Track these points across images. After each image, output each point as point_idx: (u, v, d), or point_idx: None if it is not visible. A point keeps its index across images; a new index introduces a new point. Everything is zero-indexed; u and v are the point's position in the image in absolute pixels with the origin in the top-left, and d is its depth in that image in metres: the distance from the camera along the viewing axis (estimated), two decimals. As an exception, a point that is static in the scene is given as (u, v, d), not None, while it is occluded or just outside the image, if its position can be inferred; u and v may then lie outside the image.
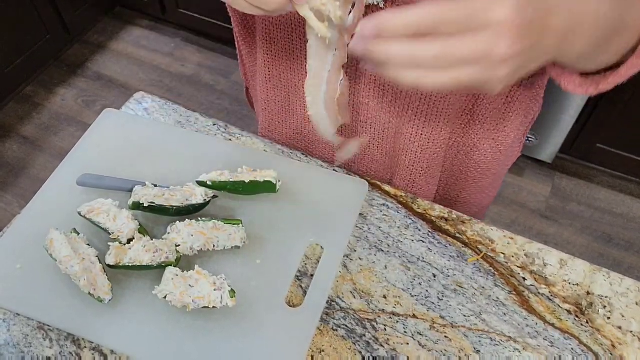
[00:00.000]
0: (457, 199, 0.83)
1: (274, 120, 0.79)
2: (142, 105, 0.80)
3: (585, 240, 1.77)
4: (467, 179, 0.78)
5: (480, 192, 0.82)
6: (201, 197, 0.64)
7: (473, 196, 0.82)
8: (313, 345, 0.58)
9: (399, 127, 0.69)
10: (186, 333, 0.57)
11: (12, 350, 0.57)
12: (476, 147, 0.73)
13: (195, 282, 0.57)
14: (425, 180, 0.75)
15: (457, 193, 0.82)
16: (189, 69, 2.25)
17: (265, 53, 0.70)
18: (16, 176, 1.91)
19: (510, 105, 0.67)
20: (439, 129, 0.68)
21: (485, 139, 0.71)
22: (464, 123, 0.69)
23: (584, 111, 1.62)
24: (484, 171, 0.77)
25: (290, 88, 0.72)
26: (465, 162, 0.76)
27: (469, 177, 0.78)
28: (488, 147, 0.73)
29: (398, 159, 0.74)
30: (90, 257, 0.59)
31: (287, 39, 0.66)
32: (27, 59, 2.08)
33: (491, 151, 0.73)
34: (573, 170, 1.91)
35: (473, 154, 0.74)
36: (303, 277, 0.63)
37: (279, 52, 0.68)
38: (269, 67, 0.71)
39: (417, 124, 0.68)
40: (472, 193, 0.81)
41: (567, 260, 0.65)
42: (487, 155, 0.74)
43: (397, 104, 0.67)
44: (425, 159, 0.72)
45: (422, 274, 0.63)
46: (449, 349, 0.58)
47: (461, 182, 0.79)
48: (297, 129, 0.78)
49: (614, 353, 0.58)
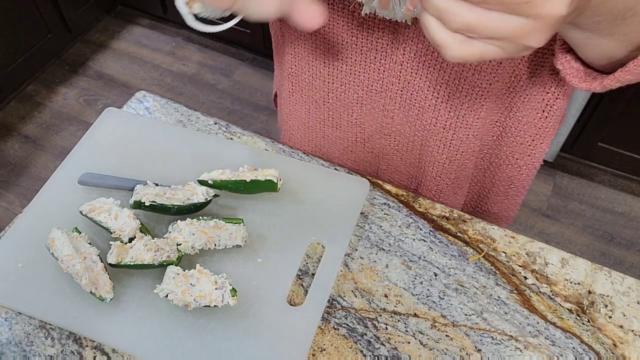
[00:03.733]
0: (487, 212, 0.81)
1: (294, 135, 0.79)
2: (143, 104, 0.80)
3: (587, 239, 1.76)
4: (497, 193, 0.76)
5: (509, 206, 0.79)
6: (202, 196, 0.64)
7: (502, 209, 0.79)
8: (314, 344, 0.58)
9: (425, 139, 0.68)
10: (188, 332, 0.57)
11: (14, 349, 0.57)
12: (509, 161, 0.70)
13: (196, 281, 0.57)
14: (453, 191, 0.74)
15: (487, 207, 0.80)
16: (190, 68, 2.25)
17: (290, 66, 0.70)
18: (18, 175, 1.92)
19: (546, 120, 0.64)
20: (467, 141, 0.66)
21: (520, 153, 0.69)
22: (495, 135, 0.68)
23: (586, 110, 1.62)
24: (517, 188, 0.74)
25: (311, 104, 0.72)
26: (498, 175, 0.73)
27: (500, 191, 0.75)
28: (522, 163, 0.70)
29: (424, 170, 0.72)
30: (92, 256, 0.59)
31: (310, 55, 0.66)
32: (28, 57, 2.08)
33: (526, 167, 0.70)
34: (574, 169, 1.91)
35: (505, 168, 0.71)
36: (304, 276, 0.63)
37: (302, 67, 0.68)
38: (293, 82, 0.71)
39: (445, 137, 0.67)
40: (502, 208, 0.79)
41: (568, 259, 0.65)
42: (521, 171, 0.71)
43: (423, 117, 0.66)
44: (453, 171, 0.70)
45: (424, 272, 0.63)
46: (450, 347, 0.58)
47: (492, 196, 0.77)
48: (316, 146, 0.78)
49: (615, 352, 0.58)
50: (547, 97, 0.62)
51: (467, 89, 0.61)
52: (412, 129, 0.68)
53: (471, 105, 0.62)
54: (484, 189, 0.77)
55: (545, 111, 0.64)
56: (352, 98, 0.68)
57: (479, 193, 0.79)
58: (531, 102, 0.63)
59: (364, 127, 0.71)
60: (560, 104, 0.63)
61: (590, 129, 1.70)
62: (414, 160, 0.72)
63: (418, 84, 0.63)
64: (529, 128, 0.66)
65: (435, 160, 0.70)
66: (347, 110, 0.70)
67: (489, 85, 0.60)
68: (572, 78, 0.52)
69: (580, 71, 0.51)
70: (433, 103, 0.64)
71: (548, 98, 0.62)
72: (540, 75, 0.60)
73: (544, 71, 0.60)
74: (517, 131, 0.67)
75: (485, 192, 0.78)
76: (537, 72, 0.60)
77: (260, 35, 2.08)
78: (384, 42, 0.60)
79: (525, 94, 0.62)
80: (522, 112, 0.64)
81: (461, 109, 0.63)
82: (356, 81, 0.65)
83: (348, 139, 0.74)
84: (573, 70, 0.51)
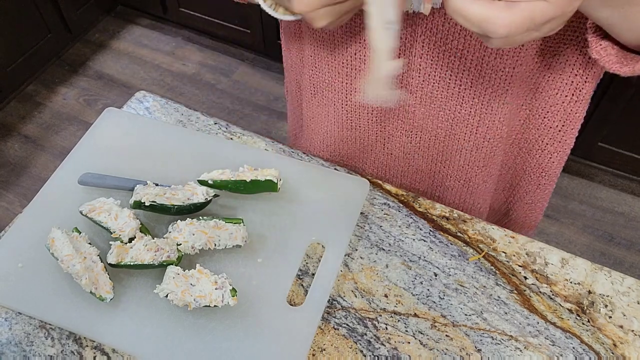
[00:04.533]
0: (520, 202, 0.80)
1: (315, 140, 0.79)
2: (143, 104, 0.80)
3: (587, 239, 1.76)
4: (529, 181, 0.75)
5: (535, 203, 0.78)
6: (202, 196, 0.64)
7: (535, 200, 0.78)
8: (314, 344, 0.58)
9: (449, 130, 0.67)
10: (187, 332, 0.57)
11: (14, 349, 0.57)
12: (538, 146, 0.69)
13: (196, 281, 0.57)
14: (482, 179, 0.73)
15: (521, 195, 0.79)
16: (190, 67, 2.25)
17: (310, 69, 0.70)
18: (18, 175, 1.92)
19: (575, 105, 0.62)
20: (494, 127, 0.65)
21: (549, 138, 0.68)
22: (522, 119, 0.66)
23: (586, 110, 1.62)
24: (549, 176, 0.73)
25: (330, 107, 0.72)
26: (528, 162, 0.72)
27: (532, 179, 0.74)
28: (553, 149, 0.69)
29: (450, 160, 0.72)
30: (92, 256, 0.59)
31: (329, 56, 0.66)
32: (28, 57, 2.08)
33: (557, 154, 0.69)
34: (574, 169, 1.91)
35: (535, 154, 0.70)
36: (304, 276, 0.63)
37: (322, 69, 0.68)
38: (314, 84, 0.71)
39: (471, 124, 0.66)
40: (535, 198, 0.78)
41: (568, 259, 0.65)
42: (552, 158, 0.70)
43: (446, 108, 0.65)
44: (481, 158, 0.70)
45: (424, 272, 0.63)
46: (450, 347, 0.58)
47: (524, 185, 0.76)
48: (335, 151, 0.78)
49: (615, 352, 0.58)
50: (575, 79, 0.60)
51: (491, 74, 0.59)
52: (435, 123, 0.67)
53: (495, 91, 0.61)
54: (515, 177, 0.76)
55: (575, 95, 0.62)
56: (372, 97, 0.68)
57: (511, 182, 0.77)
58: (558, 85, 0.61)
59: (384, 125, 0.71)
60: (589, 88, 0.61)
61: (590, 129, 1.69)
62: (436, 155, 0.71)
63: (439, 75, 0.62)
64: (557, 111, 0.64)
65: (462, 148, 0.69)
66: (367, 110, 0.70)
67: (512, 69, 0.58)
68: (613, 65, 0.50)
69: (620, 56, 0.49)
70: (456, 92, 0.62)
71: (577, 81, 0.60)
72: (567, 58, 0.58)
73: (571, 53, 0.58)
74: (545, 114, 0.65)
75: (518, 180, 0.76)
76: (563, 53, 0.58)
77: (260, 35, 2.08)
78: (403, 37, 0.60)
79: (552, 77, 0.60)
80: (549, 94, 0.62)
81: (485, 94, 0.61)
82: None
83: (368, 139, 0.74)
84: (612, 57, 0.50)
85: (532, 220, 0.83)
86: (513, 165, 0.74)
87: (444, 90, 0.63)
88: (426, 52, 0.60)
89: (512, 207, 0.82)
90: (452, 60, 0.60)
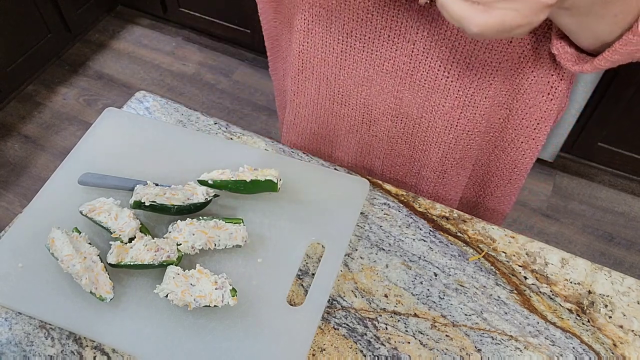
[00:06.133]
0: (490, 196, 0.82)
1: (301, 112, 0.80)
2: (143, 104, 0.80)
3: (587, 239, 1.76)
4: (501, 177, 0.78)
5: (505, 196, 0.81)
6: (202, 196, 0.64)
7: (504, 194, 0.81)
8: (314, 344, 0.58)
9: (432, 120, 0.69)
10: (187, 332, 0.57)
11: (14, 349, 0.57)
12: (514, 144, 0.72)
13: (196, 281, 0.57)
14: (456, 171, 0.75)
15: (491, 190, 0.81)
16: (190, 67, 2.25)
17: (300, 44, 0.70)
18: (18, 175, 1.92)
19: (551, 103, 0.66)
20: (474, 121, 0.68)
21: (525, 136, 0.71)
22: (502, 118, 0.69)
23: (586, 110, 1.62)
24: (520, 172, 0.76)
25: (322, 80, 0.73)
26: (502, 159, 0.75)
27: (504, 175, 0.77)
28: (527, 147, 0.72)
29: (429, 151, 0.74)
30: (92, 256, 0.59)
31: (324, 32, 0.67)
32: (28, 57, 2.08)
33: (530, 151, 0.73)
34: (574, 169, 1.91)
35: (510, 151, 0.73)
36: (304, 275, 0.63)
37: (315, 44, 0.69)
38: (303, 59, 0.72)
39: (452, 116, 0.68)
40: (504, 192, 0.81)
41: (568, 259, 0.65)
42: (525, 154, 0.73)
43: (432, 98, 0.67)
44: (458, 151, 0.72)
45: (423, 272, 0.63)
46: (450, 347, 0.58)
47: (495, 180, 0.79)
48: (323, 123, 0.79)
49: (615, 352, 0.58)
50: (552, 79, 0.64)
51: (478, 67, 0.62)
52: (420, 111, 0.69)
53: (480, 84, 0.63)
54: (488, 172, 0.78)
55: (550, 93, 0.65)
56: (363, 77, 0.69)
57: (483, 176, 0.80)
58: (537, 84, 0.64)
59: (371, 108, 0.72)
60: (564, 86, 0.65)
61: (590, 129, 1.69)
62: (418, 143, 0.73)
63: (429, 64, 0.64)
64: (534, 111, 0.67)
65: (441, 141, 0.71)
66: (357, 89, 0.71)
67: (498, 64, 0.61)
68: (566, 62, 0.56)
69: (574, 55, 0.55)
70: (443, 83, 0.65)
71: (553, 80, 0.64)
72: (545, 57, 0.62)
73: (548, 53, 0.62)
74: (523, 114, 0.68)
75: (490, 175, 0.79)
76: (542, 53, 0.61)
77: (260, 35, 2.08)
78: (399, 21, 0.61)
79: (532, 75, 0.63)
80: (528, 94, 0.65)
81: (470, 87, 0.64)
82: (368, 59, 0.66)
83: (355, 119, 0.76)
84: (567, 55, 0.55)
85: (501, 212, 0.85)
86: (487, 161, 0.77)
87: (431, 80, 0.65)
88: (420, 39, 0.62)
89: (482, 200, 0.84)
90: (443, 51, 0.61)
